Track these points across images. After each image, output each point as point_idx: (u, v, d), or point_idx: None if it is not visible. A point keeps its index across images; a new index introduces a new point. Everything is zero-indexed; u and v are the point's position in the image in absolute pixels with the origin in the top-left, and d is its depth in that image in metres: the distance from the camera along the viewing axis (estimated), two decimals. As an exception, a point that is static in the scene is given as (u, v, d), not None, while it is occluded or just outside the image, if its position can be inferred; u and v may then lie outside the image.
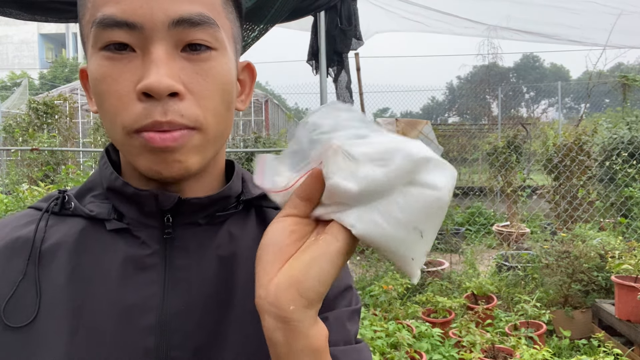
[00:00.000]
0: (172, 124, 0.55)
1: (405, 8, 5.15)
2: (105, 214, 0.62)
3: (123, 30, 0.54)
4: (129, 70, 0.55)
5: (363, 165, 0.45)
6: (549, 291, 4.15)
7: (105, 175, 0.64)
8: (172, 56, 0.55)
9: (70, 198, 0.64)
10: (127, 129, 0.55)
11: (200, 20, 0.55)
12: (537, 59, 40.08)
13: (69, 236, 0.61)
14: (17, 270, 0.58)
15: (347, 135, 0.49)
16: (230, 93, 0.61)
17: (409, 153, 0.44)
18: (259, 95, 13.49)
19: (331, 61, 3.44)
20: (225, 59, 0.59)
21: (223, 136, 0.63)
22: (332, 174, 0.46)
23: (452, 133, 12.82)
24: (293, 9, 2.82)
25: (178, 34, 0.55)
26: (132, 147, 0.57)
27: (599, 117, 7.93)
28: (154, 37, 0.54)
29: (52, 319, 0.56)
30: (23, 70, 23.62)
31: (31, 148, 5.64)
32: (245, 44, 2.96)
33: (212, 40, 0.57)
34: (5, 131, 8.40)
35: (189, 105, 0.56)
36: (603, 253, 4.11)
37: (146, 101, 0.54)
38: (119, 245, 0.61)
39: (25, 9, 2.46)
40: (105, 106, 0.57)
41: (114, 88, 0.55)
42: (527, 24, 5.97)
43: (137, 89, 0.54)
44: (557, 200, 5.80)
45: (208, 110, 0.57)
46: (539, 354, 2.78)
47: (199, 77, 0.56)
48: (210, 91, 0.57)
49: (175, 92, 0.54)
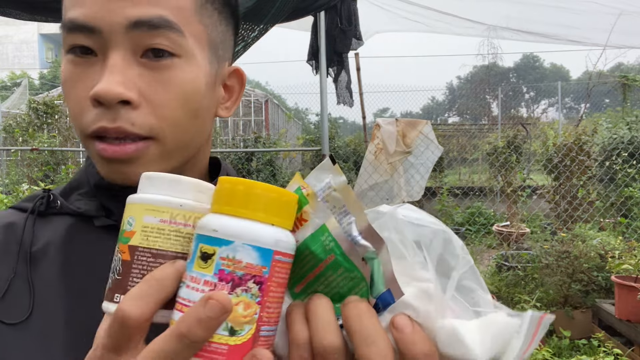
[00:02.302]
0: (120, 131, 0.53)
1: (405, 8, 5.15)
2: (94, 211, 0.61)
3: (84, 34, 0.53)
4: (87, 76, 0.54)
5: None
6: (549, 291, 4.15)
7: (93, 173, 0.63)
8: (129, 62, 0.54)
9: (55, 197, 0.63)
10: (83, 133, 0.56)
11: (160, 23, 0.53)
12: (537, 59, 40.10)
13: (57, 233, 0.61)
14: (7, 270, 0.58)
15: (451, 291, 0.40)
16: (196, 102, 0.58)
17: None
18: (259, 95, 13.49)
19: (331, 61, 3.44)
20: (191, 67, 0.57)
21: (189, 145, 0.60)
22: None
23: (452, 133, 12.82)
24: (293, 9, 2.82)
25: (136, 37, 0.53)
26: (91, 152, 0.57)
27: (599, 117, 7.93)
28: (112, 42, 0.53)
29: (46, 316, 0.55)
30: (23, 70, 23.63)
31: (31, 148, 5.64)
32: (245, 44, 2.95)
33: (174, 47, 0.54)
34: (5, 131, 8.40)
35: (142, 114, 0.54)
36: (603, 253, 4.11)
37: (98, 107, 0.53)
38: (108, 241, 0.59)
39: (25, 9, 2.46)
40: (69, 108, 0.57)
41: (74, 92, 0.55)
42: (527, 24, 5.97)
43: (89, 95, 0.53)
44: (557, 200, 5.80)
45: (165, 120, 0.55)
46: (539, 354, 2.78)
47: (158, 85, 0.55)
48: (169, 100, 0.55)
49: (125, 100, 0.52)
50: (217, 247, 0.35)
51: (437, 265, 0.40)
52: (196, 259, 0.36)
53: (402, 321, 0.37)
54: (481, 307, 0.39)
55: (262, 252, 0.35)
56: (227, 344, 0.34)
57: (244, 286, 0.35)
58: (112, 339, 0.36)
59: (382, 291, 0.38)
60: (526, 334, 0.37)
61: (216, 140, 8.67)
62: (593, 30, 5.89)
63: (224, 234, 0.35)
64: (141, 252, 0.39)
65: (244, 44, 2.93)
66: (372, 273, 0.38)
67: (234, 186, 0.37)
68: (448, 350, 0.37)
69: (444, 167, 9.19)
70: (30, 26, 31.16)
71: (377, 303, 0.38)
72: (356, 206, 0.39)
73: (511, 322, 0.38)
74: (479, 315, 0.39)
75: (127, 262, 0.39)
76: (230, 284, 0.35)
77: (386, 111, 22.21)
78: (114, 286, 0.40)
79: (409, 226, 0.40)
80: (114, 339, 0.36)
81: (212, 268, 0.35)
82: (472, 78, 29.86)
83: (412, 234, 0.40)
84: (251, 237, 0.36)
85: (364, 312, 0.37)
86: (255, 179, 6.26)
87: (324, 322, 0.37)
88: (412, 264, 0.39)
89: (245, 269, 0.35)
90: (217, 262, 0.35)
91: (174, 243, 0.40)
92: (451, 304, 0.39)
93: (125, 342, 0.36)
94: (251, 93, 13.26)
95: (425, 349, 0.36)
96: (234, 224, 0.36)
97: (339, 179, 0.41)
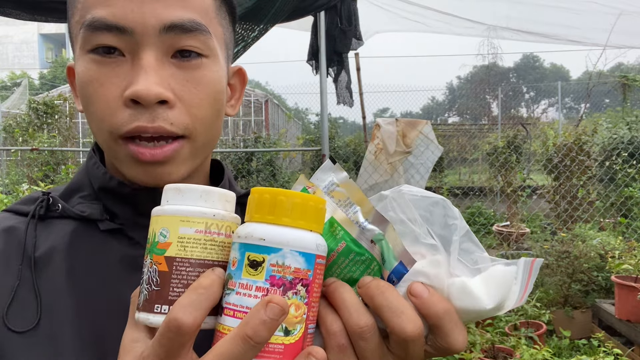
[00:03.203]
0: (160, 131, 0.54)
1: (405, 8, 5.15)
2: (98, 215, 0.60)
3: (113, 33, 0.53)
4: (116, 75, 0.54)
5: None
6: (549, 291, 4.15)
7: (97, 175, 0.62)
8: (162, 63, 0.54)
9: (55, 200, 0.62)
10: (113, 134, 0.55)
11: (192, 27, 0.54)
12: (537, 59, 40.09)
13: (61, 238, 0.59)
14: (12, 277, 0.56)
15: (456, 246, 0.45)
16: (221, 101, 0.60)
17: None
18: (259, 95, 13.49)
19: (331, 61, 3.44)
20: (217, 67, 0.58)
21: (212, 143, 0.62)
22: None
23: (452, 133, 12.83)
24: (293, 9, 2.82)
25: (169, 39, 0.54)
26: (119, 154, 0.56)
27: (599, 117, 7.93)
28: (144, 43, 0.53)
29: (54, 323, 0.55)
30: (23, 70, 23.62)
31: (31, 148, 5.64)
32: (245, 44, 2.95)
33: (204, 48, 0.56)
34: (5, 131, 8.40)
35: (178, 113, 0.55)
36: (603, 253, 4.11)
37: (133, 107, 0.53)
38: (113, 245, 0.60)
39: (25, 9, 2.46)
40: (92, 110, 0.56)
41: (101, 92, 0.54)
42: (527, 24, 5.97)
43: (124, 95, 0.53)
44: (557, 200, 5.80)
45: (197, 119, 0.56)
46: (539, 354, 2.78)
47: (189, 85, 0.55)
48: (201, 99, 0.56)
49: (164, 99, 0.53)
50: (267, 255, 0.38)
51: (440, 230, 0.45)
52: (244, 267, 0.38)
53: (418, 288, 0.41)
54: (481, 264, 0.44)
55: (307, 257, 0.38)
56: (282, 343, 0.37)
57: (294, 289, 0.38)
58: (164, 348, 0.37)
59: (395, 264, 0.42)
60: (522, 279, 0.43)
61: (216, 140, 8.66)
62: (593, 30, 5.89)
63: (271, 242, 0.38)
64: (179, 263, 0.41)
65: (244, 44, 2.93)
66: (382, 252, 0.42)
67: (274, 197, 0.39)
68: (460, 303, 0.42)
69: (444, 167, 9.19)
70: (30, 26, 31.16)
71: (391, 276, 0.42)
72: (360, 196, 0.43)
73: (509, 271, 0.43)
74: (480, 272, 0.44)
75: (165, 273, 0.41)
76: (282, 289, 0.38)
77: (386, 111, 22.22)
78: (152, 297, 0.41)
79: (413, 200, 0.45)
80: (167, 347, 0.37)
81: (263, 275, 0.38)
82: (472, 78, 29.86)
83: (415, 206, 0.44)
84: (297, 244, 0.38)
85: (385, 287, 0.41)
86: (255, 179, 6.26)
87: (354, 306, 0.40)
88: (418, 234, 0.44)
89: (294, 274, 0.38)
90: (267, 269, 0.38)
91: (210, 252, 0.41)
92: (456, 265, 0.44)
93: (178, 350, 0.37)
94: (251, 93, 13.26)
95: (443, 306, 0.41)
96: (281, 233, 0.38)
97: (341, 176, 0.45)
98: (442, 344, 0.42)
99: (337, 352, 0.40)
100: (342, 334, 0.40)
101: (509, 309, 0.43)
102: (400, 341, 0.40)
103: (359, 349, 0.40)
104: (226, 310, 0.38)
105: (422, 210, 0.45)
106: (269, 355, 0.37)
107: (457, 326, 0.41)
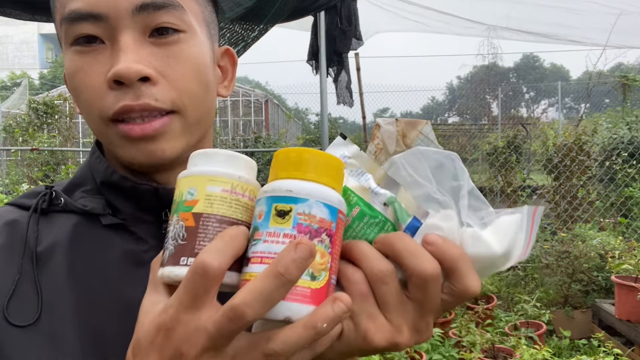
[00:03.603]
0: (145, 108, 0.54)
1: (405, 8, 5.15)
2: (100, 209, 0.60)
3: (89, 22, 0.54)
4: (99, 62, 0.55)
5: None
6: (549, 291, 4.15)
7: (99, 170, 0.62)
8: (140, 43, 0.55)
9: (58, 194, 0.62)
10: (103, 118, 0.56)
11: (164, 3, 0.55)
12: (537, 59, 40.11)
13: (63, 233, 0.59)
14: (13, 270, 0.56)
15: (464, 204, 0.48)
16: (206, 75, 0.60)
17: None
18: (259, 95, 13.49)
19: (331, 61, 3.43)
20: (195, 41, 0.59)
21: (205, 121, 0.62)
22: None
23: (452, 133, 12.83)
24: (293, 9, 2.82)
25: (143, 19, 0.55)
26: (111, 137, 0.57)
27: (599, 117, 7.93)
28: (119, 26, 0.54)
29: (55, 317, 0.54)
30: (23, 70, 23.62)
31: (31, 148, 5.65)
32: (245, 44, 2.95)
33: (179, 23, 0.57)
34: (5, 131, 8.41)
35: (162, 88, 0.55)
36: (603, 253, 4.11)
37: (118, 89, 0.54)
38: (115, 241, 0.59)
39: (25, 9, 2.46)
40: (81, 99, 0.57)
41: (86, 80, 0.55)
42: (527, 24, 5.97)
43: (107, 77, 0.54)
44: (557, 200, 5.80)
45: (184, 92, 0.57)
46: (539, 354, 2.78)
47: (170, 60, 0.56)
48: (183, 73, 0.57)
49: (145, 76, 0.54)
50: (294, 205, 0.40)
51: (451, 183, 0.47)
52: (272, 216, 0.40)
53: (432, 237, 0.43)
54: (487, 218, 0.47)
55: (330, 209, 0.40)
56: (309, 287, 0.39)
57: (319, 237, 0.40)
58: (189, 294, 0.37)
59: (409, 220, 0.45)
60: (526, 227, 0.45)
61: (216, 140, 8.67)
62: (593, 30, 5.90)
63: (298, 193, 0.40)
64: (206, 218, 0.42)
65: (244, 44, 2.93)
66: (395, 212, 0.45)
67: (300, 155, 0.42)
68: (473, 250, 0.44)
69: (444, 167, 9.17)
70: (30, 26, 31.15)
71: (406, 232, 0.45)
72: (371, 165, 0.47)
73: (514, 219, 0.46)
74: (487, 225, 0.47)
75: (191, 228, 0.42)
76: (308, 236, 0.39)
77: (386, 111, 22.22)
78: (177, 251, 0.42)
79: (425, 154, 0.48)
80: (192, 293, 0.37)
81: (290, 222, 0.39)
82: (472, 78, 29.86)
83: (428, 160, 0.48)
84: (322, 196, 0.40)
85: (402, 235, 0.44)
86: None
87: (374, 254, 0.43)
88: (430, 190, 0.46)
89: (319, 223, 0.40)
90: (294, 217, 0.39)
91: (235, 211, 0.43)
92: (466, 219, 0.47)
93: (204, 295, 0.37)
94: (251, 93, 13.26)
95: (458, 251, 0.43)
96: (307, 185, 0.41)
97: (352, 148, 0.48)
98: (458, 287, 0.43)
99: (360, 301, 0.42)
100: (363, 281, 0.42)
101: (517, 259, 0.45)
102: (420, 282, 0.42)
103: (380, 295, 0.42)
104: (253, 259, 0.40)
105: (433, 162, 0.47)
106: (295, 298, 0.38)
107: (471, 270, 0.44)
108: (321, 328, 0.37)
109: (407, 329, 0.44)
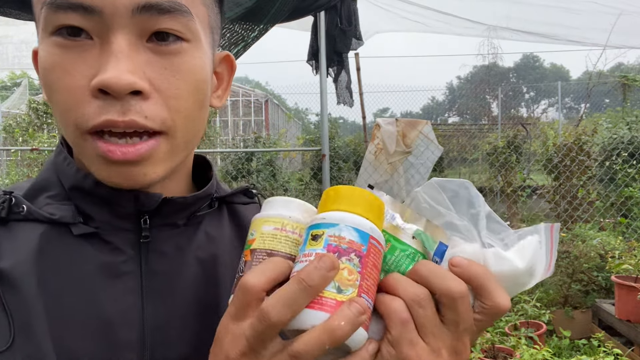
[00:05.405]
0: (132, 125, 0.47)
1: (405, 8, 5.15)
2: (70, 217, 0.53)
3: (78, 13, 0.46)
4: (83, 61, 0.47)
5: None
6: (549, 291, 4.15)
7: (68, 174, 0.55)
8: (136, 47, 0.48)
9: (19, 200, 0.53)
10: (79, 128, 0.48)
11: (171, 6, 0.47)
12: (537, 59, 40.12)
13: (28, 245, 0.51)
14: None
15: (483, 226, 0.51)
16: (204, 91, 0.53)
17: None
18: (259, 95, 13.49)
19: (331, 61, 3.43)
20: (199, 53, 0.52)
21: (194, 140, 0.56)
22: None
23: (452, 133, 12.83)
24: (293, 9, 2.82)
25: (144, 21, 0.47)
26: (86, 151, 0.49)
27: (599, 117, 7.92)
28: (114, 24, 0.46)
29: (32, 339, 0.49)
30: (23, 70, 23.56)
31: (31, 148, 5.64)
32: (245, 44, 2.95)
33: (184, 30, 0.49)
34: (5, 131, 8.40)
35: (154, 105, 0.48)
36: (603, 253, 4.11)
37: (102, 99, 0.46)
38: (88, 252, 0.53)
39: (25, 9, 2.46)
40: (55, 99, 0.49)
41: (66, 81, 0.47)
42: (527, 24, 5.97)
43: (91, 84, 0.46)
44: (557, 200, 5.80)
45: (178, 112, 0.50)
46: (539, 354, 2.78)
47: (167, 72, 0.49)
48: (181, 90, 0.50)
49: (137, 90, 0.46)
50: (325, 229, 0.44)
51: (467, 209, 0.51)
52: (308, 241, 0.45)
53: (457, 259, 0.46)
54: (507, 240, 0.50)
55: (360, 233, 0.44)
56: (335, 299, 0.42)
57: (348, 256, 0.43)
58: (235, 306, 0.44)
59: (435, 246, 0.48)
60: (546, 244, 0.49)
61: (216, 140, 8.66)
62: (593, 30, 5.89)
63: (330, 219, 0.45)
64: (258, 253, 0.49)
65: (244, 44, 2.93)
66: (423, 242, 0.48)
67: (337, 191, 0.47)
68: (496, 268, 0.47)
69: (444, 167, 9.19)
70: (30, 26, 31.04)
71: (434, 258, 0.48)
72: (396, 205, 0.51)
73: (534, 239, 0.49)
74: (509, 247, 0.50)
75: (247, 262, 0.49)
76: (337, 254, 0.43)
77: (386, 111, 22.22)
78: (236, 282, 0.49)
79: (441, 185, 0.51)
80: (237, 305, 0.43)
81: (321, 244, 0.44)
82: (472, 78, 29.87)
83: (445, 190, 0.51)
84: (353, 221, 0.45)
85: (429, 263, 0.46)
86: (255, 179, 6.26)
87: (408, 281, 0.45)
88: (451, 217, 0.50)
89: (348, 244, 0.44)
90: (325, 239, 0.44)
91: (284, 245, 0.49)
92: (487, 240, 0.50)
93: (247, 307, 0.43)
94: (251, 93, 13.26)
95: (482, 269, 0.46)
96: (339, 214, 0.45)
97: (379, 194, 0.52)
98: (488, 304, 0.45)
99: (401, 327, 0.43)
100: (402, 308, 0.44)
101: (541, 276, 0.48)
102: (449, 302, 0.44)
103: (419, 319, 0.44)
104: (291, 278, 0.44)
105: (449, 192, 0.51)
106: (320, 307, 0.42)
107: (498, 286, 0.45)
108: (338, 326, 0.40)
109: (446, 351, 0.45)
